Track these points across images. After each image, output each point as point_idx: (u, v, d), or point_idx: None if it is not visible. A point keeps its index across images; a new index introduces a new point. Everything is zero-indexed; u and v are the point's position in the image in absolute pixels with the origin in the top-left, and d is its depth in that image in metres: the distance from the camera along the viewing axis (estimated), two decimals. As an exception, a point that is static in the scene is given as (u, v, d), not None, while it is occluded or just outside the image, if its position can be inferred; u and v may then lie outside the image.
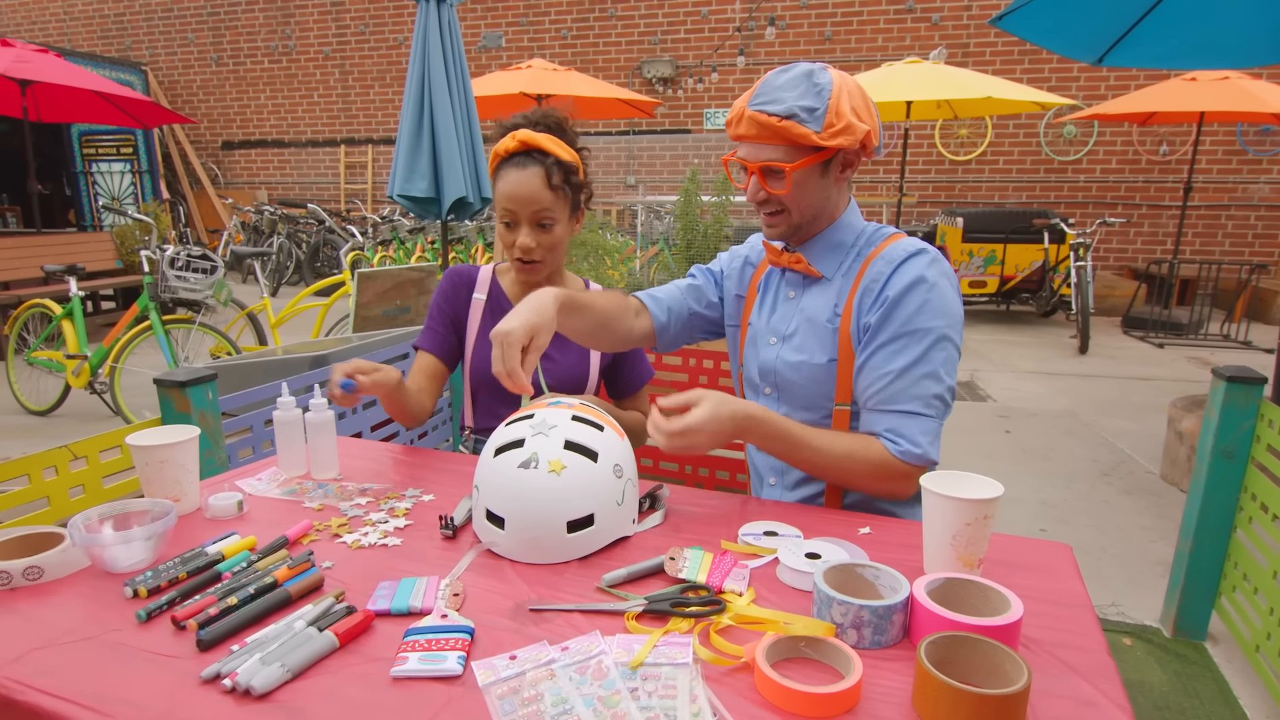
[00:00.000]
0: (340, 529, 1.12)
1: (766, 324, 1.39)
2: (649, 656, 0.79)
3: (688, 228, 4.25)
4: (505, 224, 1.52)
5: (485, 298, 1.66)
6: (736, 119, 1.24)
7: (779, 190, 1.25)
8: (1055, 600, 0.93)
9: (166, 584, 0.94)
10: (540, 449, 1.03)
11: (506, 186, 1.49)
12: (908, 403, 1.20)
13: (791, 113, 1.18)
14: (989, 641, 0.74)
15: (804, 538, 1.08)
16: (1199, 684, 2.01)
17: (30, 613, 0.90)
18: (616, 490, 1.06)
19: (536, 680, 0.75)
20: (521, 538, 1.03)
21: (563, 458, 1.03)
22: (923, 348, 1.20)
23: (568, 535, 1.02)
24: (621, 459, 1.09)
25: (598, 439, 1.07)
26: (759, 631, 0.84)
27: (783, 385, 1.34)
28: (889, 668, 0.79)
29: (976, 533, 0.92)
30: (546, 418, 1.08)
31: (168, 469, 1.13)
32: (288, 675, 0.76)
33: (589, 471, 1.04)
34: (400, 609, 0.88)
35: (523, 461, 1.03)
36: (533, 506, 1.02)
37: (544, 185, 1.48)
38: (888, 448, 1.20)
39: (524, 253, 1.52)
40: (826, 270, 1.31)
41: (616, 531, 1.08)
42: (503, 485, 1.04)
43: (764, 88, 1.22)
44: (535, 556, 1.03)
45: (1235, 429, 2.05)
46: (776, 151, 1.22)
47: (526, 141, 1.48)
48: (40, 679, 0.77)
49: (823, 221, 1.31)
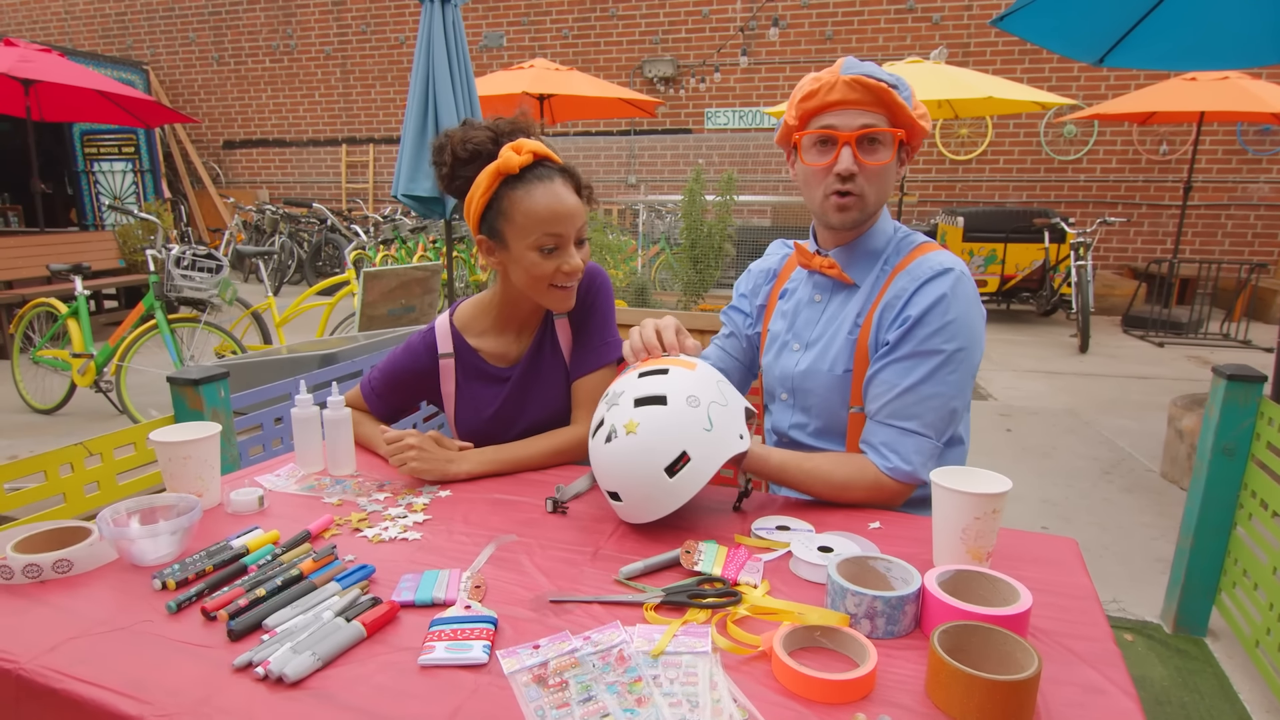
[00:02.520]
0: (360, 523, 1.14)
1: (789, 329, 1.38)
2: (669, 646, 0.81)
3: (692, 227, 4.27)
4: (545, 250, 1.30)
5: (452, 354, 1.48)
6: (827, 87, 1.16)
7: (880, 161, 1.17)
8: (1062, 592, 0.95)
9: (194, 576, 0.96)
10: (614, 419, 1.09)
11: (546, 206, 1.27)
12: (909, 420, 1.20)
13: (893, 84, 1.15)
14: (1000, 630, 0.76)
15: (816, 532, 1.10)
16: (1199, 679, 2.03)
17: (62, 604, 0.92)
18: (699, 419, 1.07)
19: (561, 668, 0.77)
20: (637, 501, 1.09)
21: (634, 416, 1.07)
22: (933, 366, 1.19)
23: (670, 480, 1.06)
24: (695, 388, 1.10)
25: (663, 383, 1.10)
26: (774, 622, 0.86)
27: (799, 392, 1.35)
28: (902, 656, 0.81)
29: (985, 526, 0.94)
30: (616, 388, 1.14)
31: (191, 465, 1.15)
32: (318, 663, 0.78)
33: (662, 415, 1.07)
34: (424, 600, 0.91)
35: (607, 436, 1.09)
36: (629, 470, 1.07)
37: (576, 195, 1.33)
38: (878, 465, 1.21)
39: (573, 275, 1.34)
40: (859, 278, 1.30)
41: (723, 453, 1.08)
42: (603, 464, 1.11)
43: (850, 64, 1.18)
44: (659, 511, 1.09)
45: (1235, 427, 2.07)
46: (876, 118, 1.15)
47: (538, 153, 1.30)
48: (78, 667, 0.79)
49: (870, 222, 1.29)
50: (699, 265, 4.29)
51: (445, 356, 1.48)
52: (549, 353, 1.49)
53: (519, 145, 1.29)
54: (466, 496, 1.26)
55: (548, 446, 1.41)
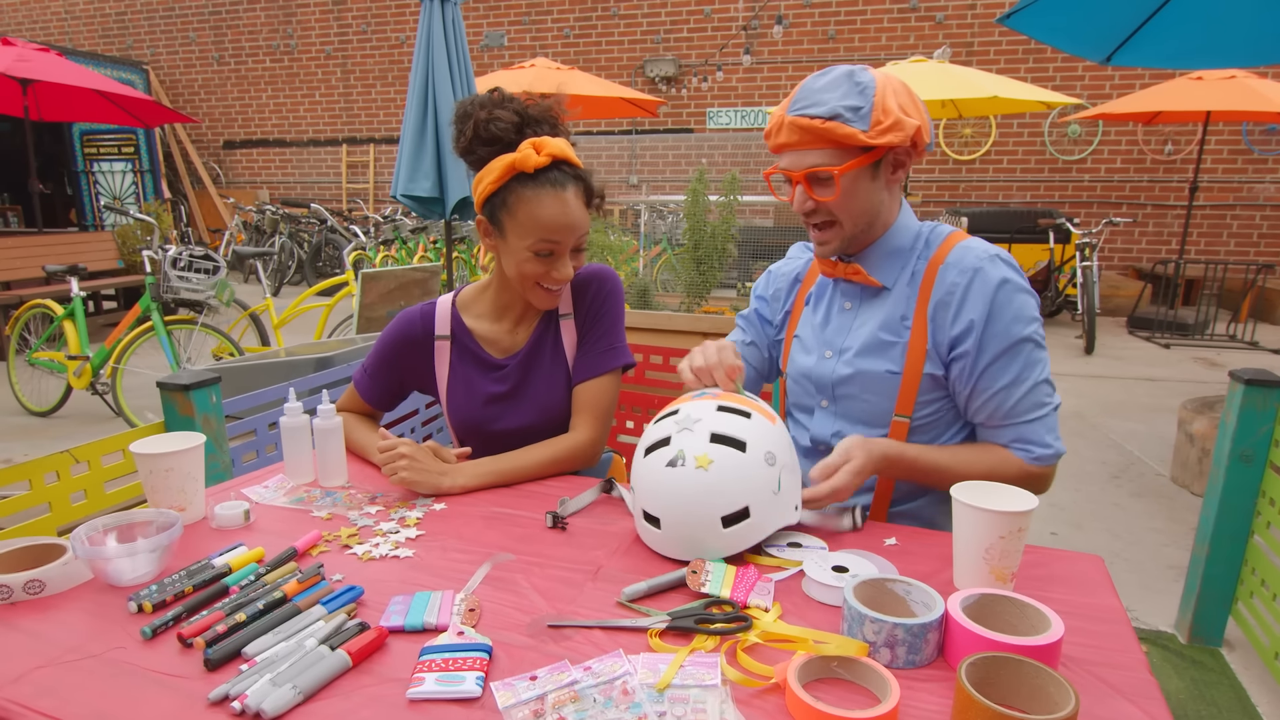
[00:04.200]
0: (350, 539, 1.09)
1: (819, 336, 1.34)
2: (676, 678, 0.76)
3: (695, 228, 4.21)
4: (539, 254, 1.29)
5: (449, 336, 1.45)
6: (775, 129, 1.20)
7: (827, 197, 1.19)
8: (1091, 616, 0.90)
9: (172, 598, 0.91)
10: (686, 445, 1.01)
11: (550, 214, 1.26)
12: (1026, 413, 1.21)
13: (835, 113, 1.13)
14: (1031, 663, 0.71)
15: (829, 549, 1.05)
16: (1216, 691, 1.98)
17: (32, 629, 0.87)
18: (770, 479, 1.02)
19: (559, 703, 0.72)
20: (678, 535, 1.01)
21: (709, 451, 1.00)
22: (1025, 356, 1.20)
23: (724, 530, 1.00)
24: (775, 445, 1.04)
25: (745, 427, 1.03)
26: (787, 650, 0.81)
27: (840, 398, 1.31)
28: (924, 688, 0.76)
29: (1010, 546, 0.89)
30: (691, 412, 1.06)
31: (173, 477, 1.10)
32: (300, 697, 0.73)
33: (738, 463, 1.00)
34: (415, 625, 0.85)
35: (670, 460, 1.01)
36: (685, 505, 1.00)
37: (584, 206, 1.32)
38: (1021, 458, 1.22)
39: (561, 284, 1.34)
40: (887, 280, 1.26)
41: (777, 521, 1.04)
42: (654, 485, 1.03)
43: (803, 92, 1.18)
44: (695, 553, 1.01)
45: (1253, 432, 2.02)
46: (821, 156, 1.17)
47: (558, 154, 1.27)
48: (41, 700, 0.74)
49: (878, 229, 1.26)
50: (702, 266, 4.24)
51: (441, 339, 1.46)
52: (550, 350, 1.45)
53: (540, 144, 1.26)
54: (462, 510, 1.20)
55: (546, 456, 1.36)
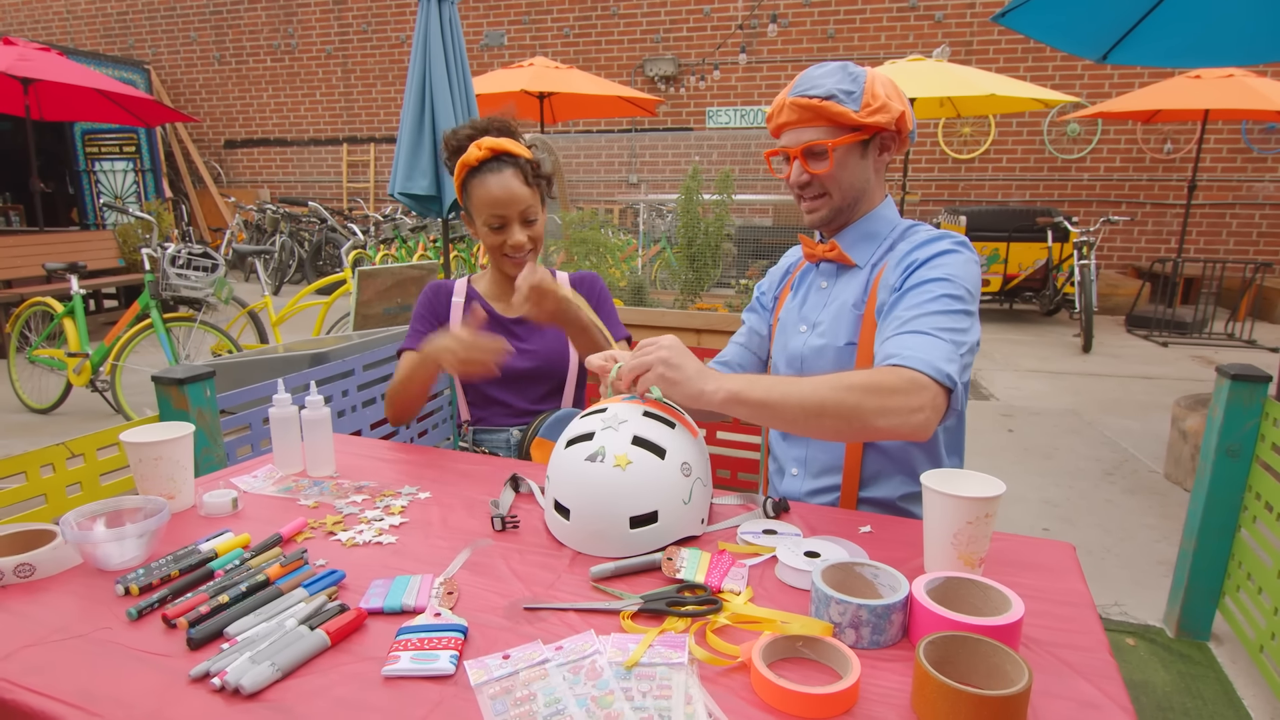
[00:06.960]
0: (335, 526, 1.11)
1: (797, 314, 1.42)
2: (644, 656, 0.78)
3: (689, 226, 4.22)
4: (493, 228, 1.58)
5: (464, 300, 1.74)
6: (777, 110, 1.31)
7: (821, 169, 1.28)
8: (1057, 600, 0.92)
9: (158, 582, 0.93)
10: (608, 443, 1.04)
11: (490, 192, 1.55)
12: (920, 325, 1.13)
13: (831, 94, 1.24)
14: (989, 642, 0.73)
15: (804, 536, 1.07)
16: (1202, 684, 1.99)
17: (22, 610, 0.89)
18: (683, 488, 1.05)
19: (529, 680, 0.74)
20: (585, 530, 1.03)
21: (629, 453, 1.02)
22: (937, 291, 1.17)
23: (630, 530, 1.02)
24: (691, 457, 1.07)
25: (667, 436, 1.06)
26: (756, 631, 0.83)
27: (809, 372, 1.35)
28: (888, 668, 0.78)
29: (978, 531, 0.91)
30: (619, 412, 1.08)
31: (162, 466, 1.12)
32: (277, 674, 0.75)
33: (655, 468, 1.03)
34: (393, 607, 0.87)
35: (590, 454, 1.04)
36: (597, 500, 1.02)
37: (523, 184, 1.57)
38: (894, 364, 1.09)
39: (516, 249, 1.60)
40: (860, 259, 1.34)
41: (682, 530, 1.06)
42: (570, 477, 1.05)
43: (802, 79, 1.29)
44: (599, 549, 1.03)
45: (1240, 427, 2.03)
46: (818, 131, 1.27)
47: (495, 148, 1.56)
48: (29, 677, 0.76)
49: (862, 207, 1.35)
50: (696, 264, 4.24)
51: (457, 300, 1.74)
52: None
53: (481, 143, 1.56)
54: (445, 500, 1.22)
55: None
